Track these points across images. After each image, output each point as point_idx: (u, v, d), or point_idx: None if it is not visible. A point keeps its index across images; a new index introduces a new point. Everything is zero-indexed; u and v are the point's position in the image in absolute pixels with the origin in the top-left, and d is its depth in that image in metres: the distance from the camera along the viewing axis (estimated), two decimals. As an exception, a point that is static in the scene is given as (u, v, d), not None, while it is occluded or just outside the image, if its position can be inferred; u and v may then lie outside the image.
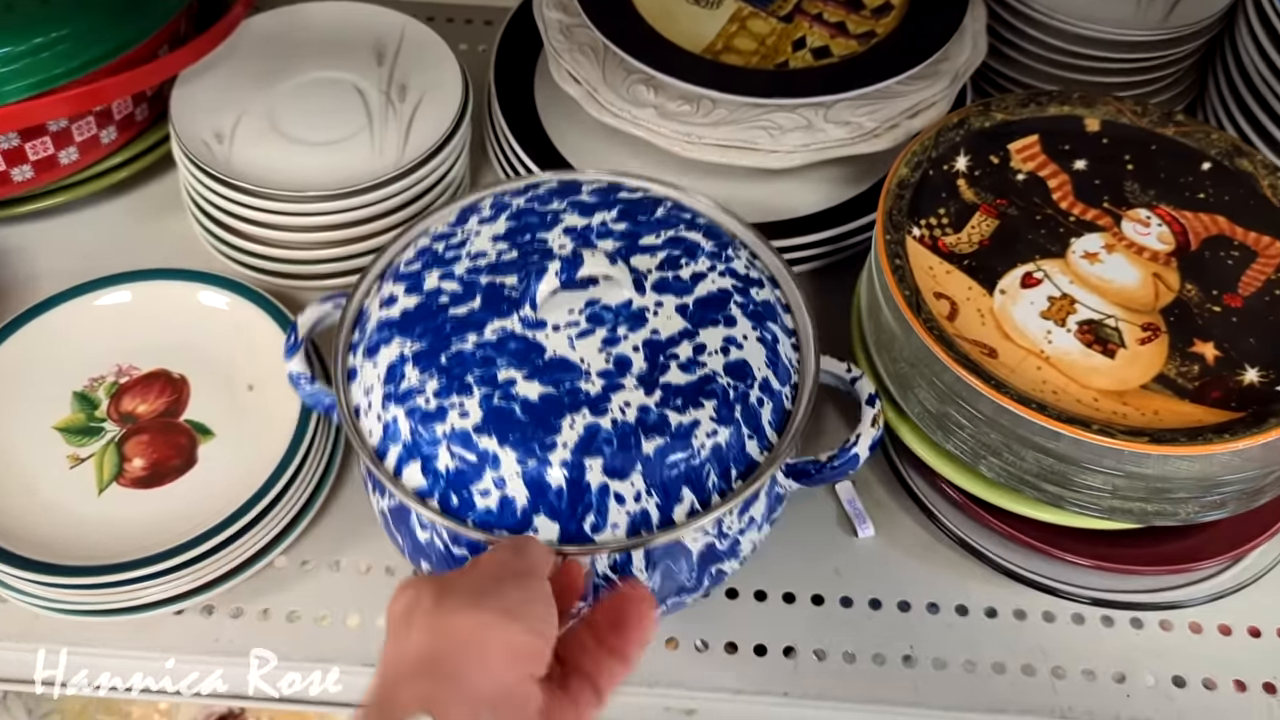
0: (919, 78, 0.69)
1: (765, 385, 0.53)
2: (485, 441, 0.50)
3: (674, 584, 0.54)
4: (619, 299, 0.54)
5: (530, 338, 0.53)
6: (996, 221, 0.61)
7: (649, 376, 0.52)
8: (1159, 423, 0.53)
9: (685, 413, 0.51)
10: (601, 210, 0.59)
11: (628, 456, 0.50)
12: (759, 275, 0.58)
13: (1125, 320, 0.57)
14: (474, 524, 0.50)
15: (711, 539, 0.54)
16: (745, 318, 0.55)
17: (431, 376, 0.52)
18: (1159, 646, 0.60)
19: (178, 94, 0.70)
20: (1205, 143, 0.64)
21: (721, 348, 0.53)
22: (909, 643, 0.60)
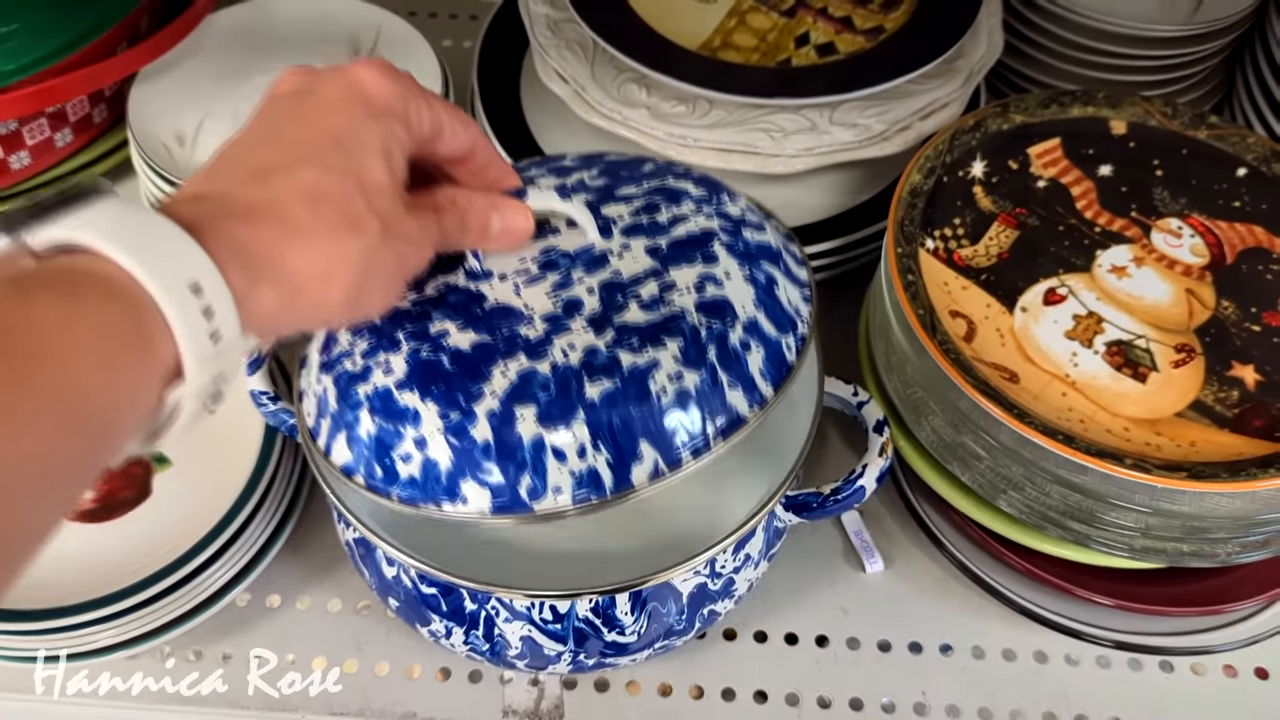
0: (931, 76, 0.64)
1: (753, 328, 0.45)
2: (406, 398, 0.43)
3: (662, 626, 0.50)
4: (579, 244, 0.46)
5: (473, 289, 0.45)
6: (1016, 232, 0.56)
7: (602, 316, 0.44)
8: (1196, 455, 0.48)
9: (641, 353, 0.43)
10: (581, 170, 0.51)
11: (567, 403, 0.42)
12: (759, 221, 0.50)
13: (1157, 341, 0.52)
14: (398, 499, 0.43)
15: (703, 579, 0.49)
16: (731, 256, 0.46)
17: (362, 337, 0.45)
18: (1191, 692, 0.56)
19: (136, 93, 0.66)
20: (1241, 147, 0.59)
21: (696, 285, 0.45)
22: (920, 688, 0.55)
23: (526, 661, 0.50)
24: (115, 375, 0.31)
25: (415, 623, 0.51)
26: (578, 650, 0.49)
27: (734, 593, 0.51)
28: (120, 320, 0.31)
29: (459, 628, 0.50)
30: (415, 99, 0.40)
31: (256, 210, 0.35)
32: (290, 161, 0.36)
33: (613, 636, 0.49)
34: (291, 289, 0.35)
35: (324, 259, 0.36)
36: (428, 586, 0.49)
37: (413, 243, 0.39)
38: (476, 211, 0.43)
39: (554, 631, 0.49)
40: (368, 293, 0.38)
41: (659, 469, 0.42)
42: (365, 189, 0.37)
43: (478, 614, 0.49)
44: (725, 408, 0.43)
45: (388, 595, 0.51)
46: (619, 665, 0.52)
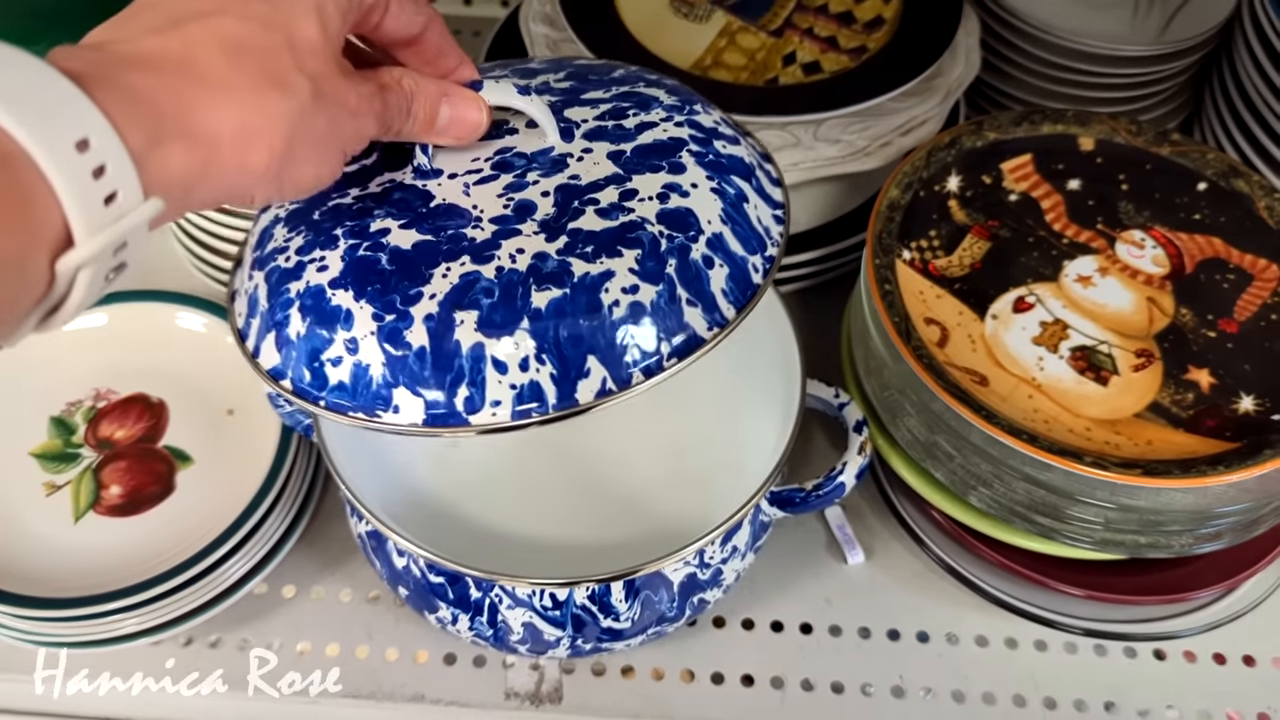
0: (911, 94, 0.68)
1: (717, 243, 0.41)
2: (340, 297, 0.40)
3: (654, 613, 0.53)
4: (537, 146, 0.43)
5: (419, 186, 0.43)
6: (988, 244, 0.60)
7: (555, 222, 0.41)
8: (1152, 453, 0.52)
9: (594, 262, 0.39)
10: (548, 73, 0.48)
11: (510, 311, 0.39)
12: (733, 134, 0.46)
13: (1119, 346, 0.56)
14: (326, 405, 0.41)
15: (693, 569, 0.53)
16: (699, 166, 0.43)
17: (298, 233, 0.42)
18: (1153, 676, 0.59)
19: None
20: (1201, 163, 0.63)
21: (659, 194, 0.42)
22: (898, 672, 0.59)
23: (528, 646, 0.54)
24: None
25: (424, 610, 0.55)
26: (576, 635, 0.53)
27: (722, 582, 0.55)
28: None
29: (465, 615, 0.53)
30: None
31: (163, 59, 0.31)
32: (207, 9, 0.33)
33: (608, 623, 0.53)
34: (205, 148, 0.32)
35: (243, 116, 0.32)
36: (436, 576, 0.52)
37: (349, 110, 0.36)
38: (425, 96, 0.39)
39: (554, 618, 0.52)
40: (296, 161, 0.34)
41: (606, 387, 0.40)
42: (294, 45, 0.33)
43: (482, 601, 0.52)
44: (682, 326, 0.40)
45: (398, 585, 0.55)
46: (614, 650, 0.55)
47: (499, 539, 0.58)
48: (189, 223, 0.67)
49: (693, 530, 0.51)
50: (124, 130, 0.29)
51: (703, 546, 0.50)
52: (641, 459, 0.62)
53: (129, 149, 0.29)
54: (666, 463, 0.61)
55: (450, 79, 0.41)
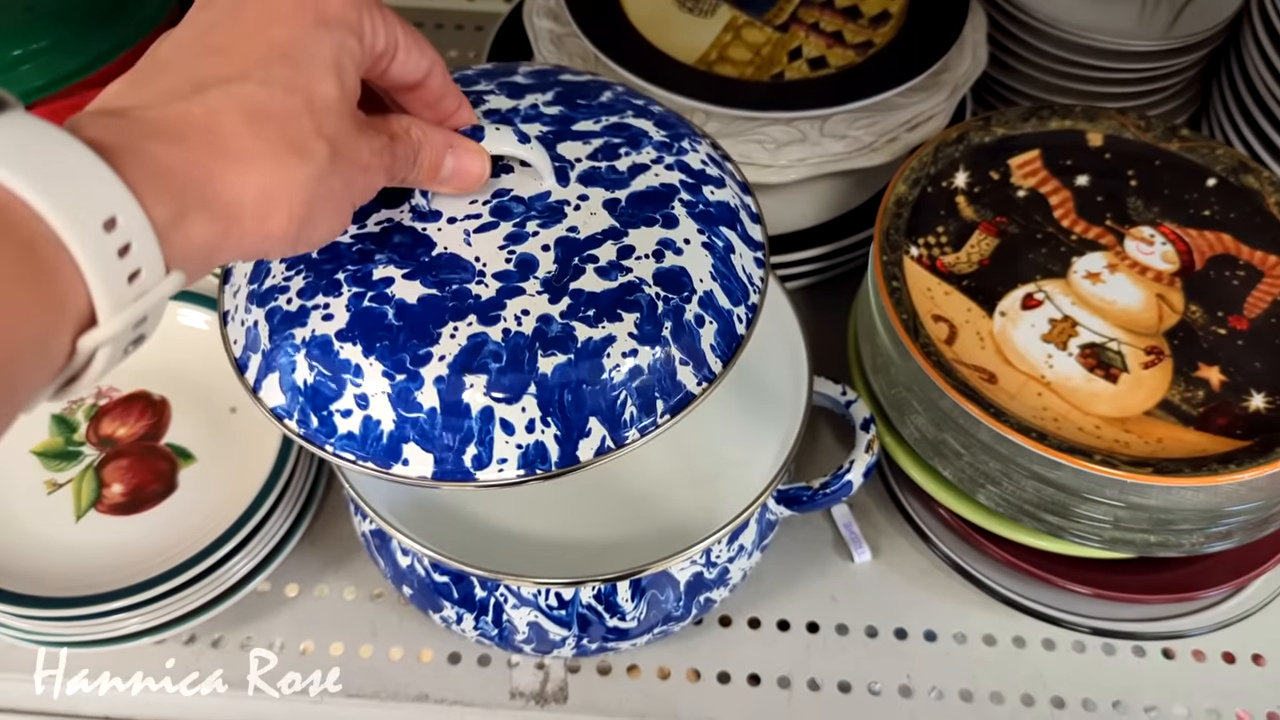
0: (918, 89, 0.67)
1: (708, 301, 0.43)
2: (348, 350, 0.41)
3: (660, 612, 0.53)
4: (534, 190, 0.44)
5: (419, 230, 0.43)
6: (997, 240, 0.59)
7: (557, 281, 0.42)
8: (1163, 452, 0.51)
9: (597, 326, 0.41)
10: (535, 92, 0.48)
11: (519, 376, 0.40)
12: (719, 174, 0.48)
13: (1128, 344, 0.55)
14: (333, 451, 0.42)
15: (699, 568, 0.52)
16: (690, 218, 0.45)
17: (298, 272, 0.43)
18: (1161, 675, 0.59)
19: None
20: (1210, 159, 0.62)
21: (654, 252, 0.43)
22: (905, 671, 0.58)
23: (533, 646, 0.53)
24: (9, 322, 0.27)
25: (428, 609, 0.54)
26: (581, 635, 0.52)
27: (729, 581, 0.54)
28: (13, 259, 0.27)
29: (469, 614, 0.53)
30: (370, 9, 0.36)
31: (187, 128, 0.31)
32: (229, 74, 0.32)
33: (614, 622, 0.52)
34: (228, 219, 0.32)
35: (264, 184, 0.32)
36: (440, 575, 0.52)
37: (363, 168, 0.36)
38: (431, 147, 0.40)
39: (559, 617, 0.52)
40: (314, 222, 0.35)
41: (605, 445, 0.42)
42: (314, 108, 0.33)
43: (487, 601, 0.52)
44: (675, 385, 0.42)
45: (402, 583, 0.54)
46: (620, 650, 0.55)
47: (504, 538, 0.58)
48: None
49: (699, 529, 0.50)
50: (149, 206, 0.29)
51: (709, 546, 0.50)
52: (648, 458, 0.62)
53: (154, 224, 0.29)
54: (673, 461, 0.61)
55: (450, 122, 0.42)
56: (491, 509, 0.59)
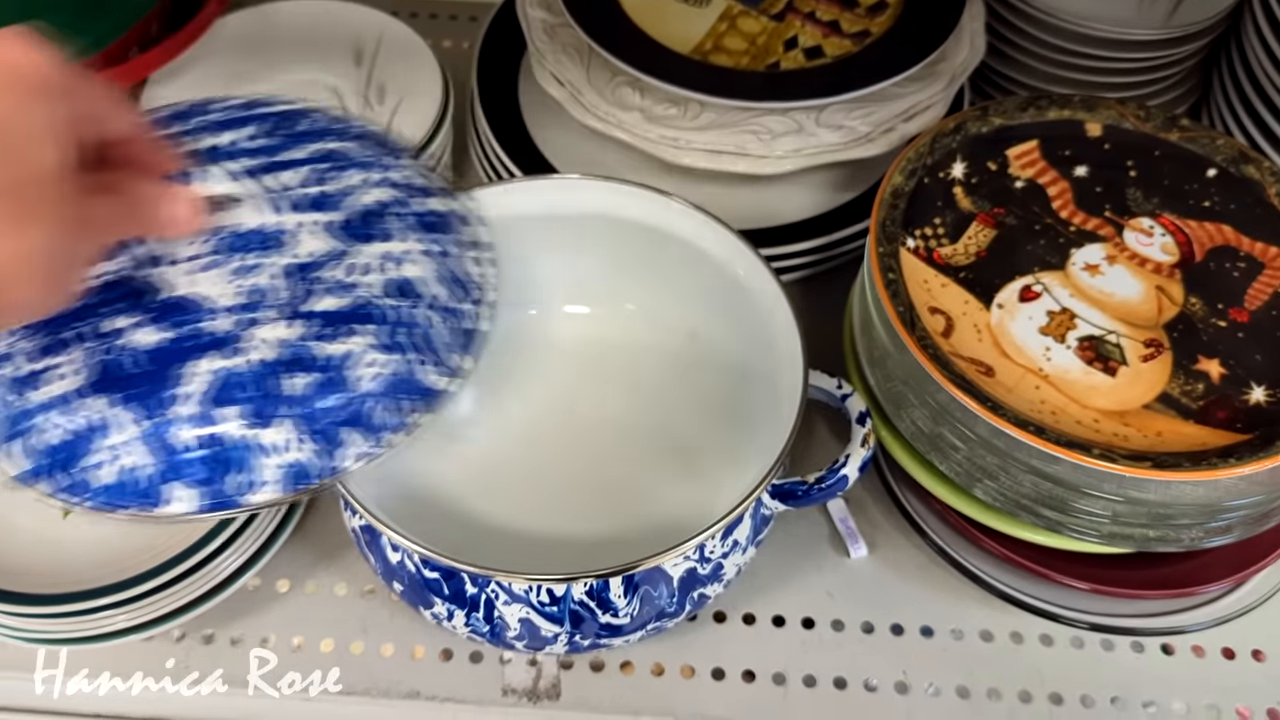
0: (915, 79, 0.66)
1: (437, 304, 0.47)
2: (92, 404, 0.42)
3: (654, 608, 0.52)
4: (253, 223, 0.45)
5: (143, 277, 0.43)
6: (994, 231, 0.59)
7: (291, 306, 0.44)
8: (1162, 445, 0.51)
9: (336, 343, 0.44)
10: (235, 128, 0.49)
11: (269, 402, 0.42)
12: (426, 184, 0.50)
13: (1127, 336, 0.55)
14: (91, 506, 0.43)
15: (693, 564, 0.52)
16: (407, 230, 0.48)
17: (23, 338, 0.43)
18: (1160, 671, 0.58)
19: (148, 98, 0.68)
20: (1210, 149, 0.61)
21: (379, 265, 0.46)
22: (902, 668, 0.58)
23: (525, 643, 0.53)
24: None
25: (419, 606, 0.54)
26: (574, 631, 0.52)
27: (723, 577, 0.54)
28: None
29: (460, 610, 0.52)
30: (75, 75, 0.36)
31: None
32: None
33: (607, 618, 0.52)
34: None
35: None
36: (431, 571, 0.51)
37: (91, 228, 0.37)
38: (144, 200, 0.40)
39: (551, 614, 0.51)
40: (46, 288, 0.35)
41: (364, 450, 0.44)
42: (36, 177, 0.33)
43: (478, 597, 0.51)
44: (422, 387, 0.45)
45: (392, 580, 0.54)
46: (613, 646, 0.54)
47: (495, 533, 0.57)
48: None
49: (693, 524, 0.50)
50: None
51: (703, 541, 0.49)
52: (641, 452, 0.61)
53: None
54: (666, 455, 0.60)
55: (161, 170, 0.42)
56: (482, 505, 0.59)
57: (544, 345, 0.64)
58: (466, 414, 0.62)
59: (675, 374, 0.63)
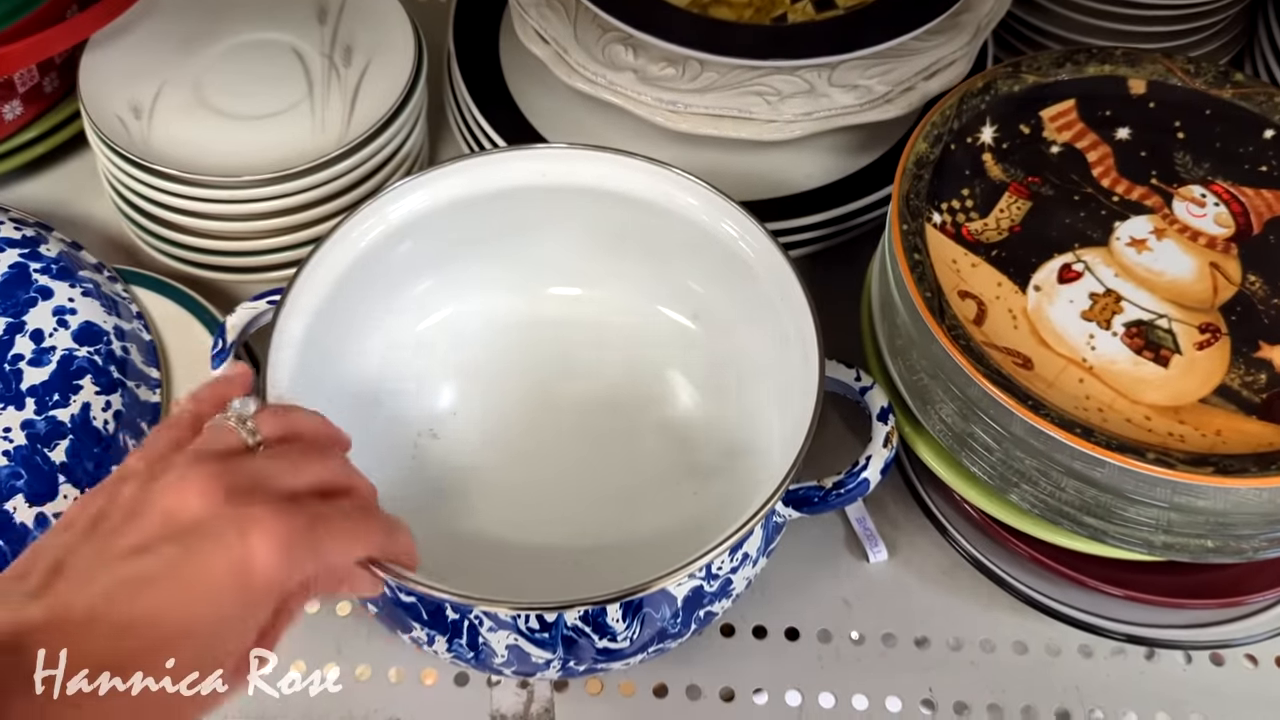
0: (935, 32, 0.60)
1: (117, 331, 0.53)
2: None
3: (655, 630, 0.47)
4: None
5: None
6: (1029, 203, 0.53)
7: (7, 390, 0.49)
8: (1223, 446, 0.45)
9: (70, 402, 0.49)
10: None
11: (44, 476, 0.48)
12: (34, 232, 0.56)
13: (1180, 320, 0.49)
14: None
15: (699, 582, 0.47)
16: (52, 279, 0.53)
17: None
18: (1210, 684, 0.53)
19: (88, 62, 0.61)
20: (1268, 107, 0.55)
21: (57, 322, 0.51)
22: (928, 684, 0.53)
23: (514, 669, 0.48)
24: None
25: (396, 629, 0.49)
26: (567, 658, 0.47)
27: (731, 592, 0.49)
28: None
29: (441, 636, 0.47)
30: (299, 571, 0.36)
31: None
32: (136, 650, 0.33)
33: (604, 643, 0.47)
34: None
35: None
36: (407, 595, 0.46)
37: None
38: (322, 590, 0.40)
39: (542, 640, 0.46)
40: None
41: None
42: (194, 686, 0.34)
43: (460, 623, 0.46)
44: (147, 406, 0.53)
45: (366, 602, 0.49)
46: (611, 670, 0.49)
47: (482, 545, 0.52)
48: (126, 189, 0.60)
49: (696, 528, 0.45)
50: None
51: (710, 560, 0.44)
52: (638, 450, 0.56)
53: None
54: (669, 455, 0.55)
55: None
56: (464, 510, 0.54)
57: (530, 332, 0.59)
58: (446, 408, 0.56)
59: (674, 360, 0.58)
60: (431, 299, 0.57)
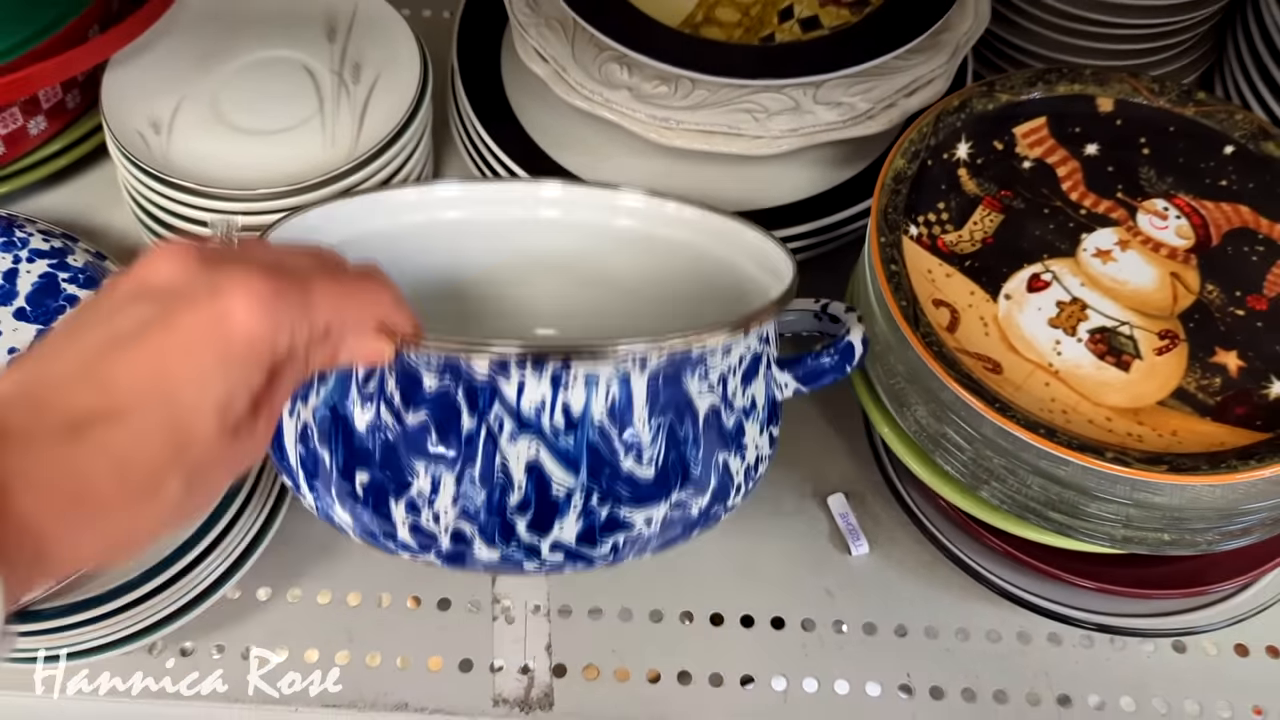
0: (917, 51, 0.63)
1: None
2: None
3: (676, 453, 0.44)
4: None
5: None
6: (1001, 216, 0.56)
7: None
8: (1178, 446, 0.48)
9: None
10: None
11: None
12: (61, 244, 0.57)
13: (1140, 327, 0.52)
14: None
15: (714, 398, 0.45)
16: (81, 289, 0.55)
17: None
18: (1172, 670, 0.56)
19: (110, 79, 0.64)
20: (1228, 124, 0.58)
21: None
22: (905, 670, 0.56)
23: (530, 515, 0.43)
24: None
25: (392, 495, 0.43)
26: (590, 484, 0.43)
27: (744, 450, 0.47)
28: None
29: (450, 473, 0.43)
30: (285, 329, 0.34)
31: (55, 480, 0.30)
32: (110, 411, 0.31)
33: (628, 463, 0.44)
34: (67, 568, 0.32)
35: (108, 536, 0.32)
36: (414, 413, 0.43)
37: (230, 469, 0.35)
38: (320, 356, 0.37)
39: (566, 450, 0.43)
40: (149, 535, 0.34)
41: None
42: (183, 446, 0.32)
43: (476, 436, 0.43)
44: None
45: (356, 470, 0.44)
46: (633, 524, 0.44)
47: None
48: (146, 200, 0.63)
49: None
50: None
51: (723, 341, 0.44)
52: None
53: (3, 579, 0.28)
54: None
55: None
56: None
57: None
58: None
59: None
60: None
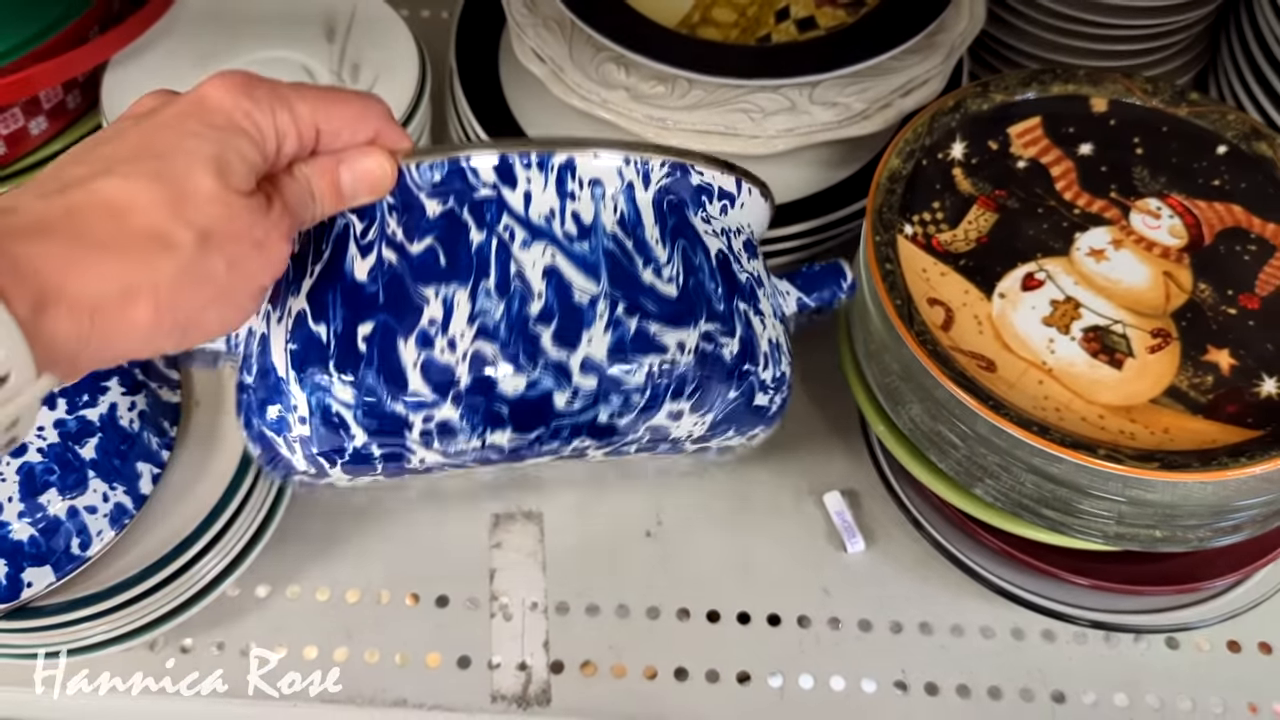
0: (913, 51, 0.63)
1: None
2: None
3: (700, 292, 0.42)
4: None
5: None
6: (995, 215, 0.56)
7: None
8: (1170, 444, 0.49)
9: (98, 403, 0.53)
10: None
11: (75, 471, 0.51)
12: None
13: (1134, 326, 0.53)
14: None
15: (721, 244, 0.44)
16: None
17: None
18: (1165, 666, 0.57)
19: (110, 80, 0.65)
20: (1221, 124, 0.59)
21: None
22: (901, 667, 0.57)
23: (553, 327, 0.40)
24: None
25: (400, 335, 0.40)
26: (614, 294, 0.41)
27: (762, 315, 0.45)
28: None
29: (464, 289, 0.40)
30: (265, 111, 0.35)
31: (47, 224, 0.31)
32: (94, 170, 0.33)
33: (649, 275, 0.41)
34: (90, 311, 0.31)
35: (125, 276, 0.32)
36: (417, 241, 0.40)
37: (254, 243, 0.35)
38: (320, 173, 0.38)
39: (583, 256, 0.41)
40: (193, 310, 0.34)
41: (157, 473, 0.55)
42: (182, 198, 0.33)
43: (488, 247, 0.40)
44: (170, 406, 0.57)
45: (358, 326, 0.40)
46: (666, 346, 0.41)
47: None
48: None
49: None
50: (10, 302, 0.29)
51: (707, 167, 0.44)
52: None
53: (18, 321, 0.29)
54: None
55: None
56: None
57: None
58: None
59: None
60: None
